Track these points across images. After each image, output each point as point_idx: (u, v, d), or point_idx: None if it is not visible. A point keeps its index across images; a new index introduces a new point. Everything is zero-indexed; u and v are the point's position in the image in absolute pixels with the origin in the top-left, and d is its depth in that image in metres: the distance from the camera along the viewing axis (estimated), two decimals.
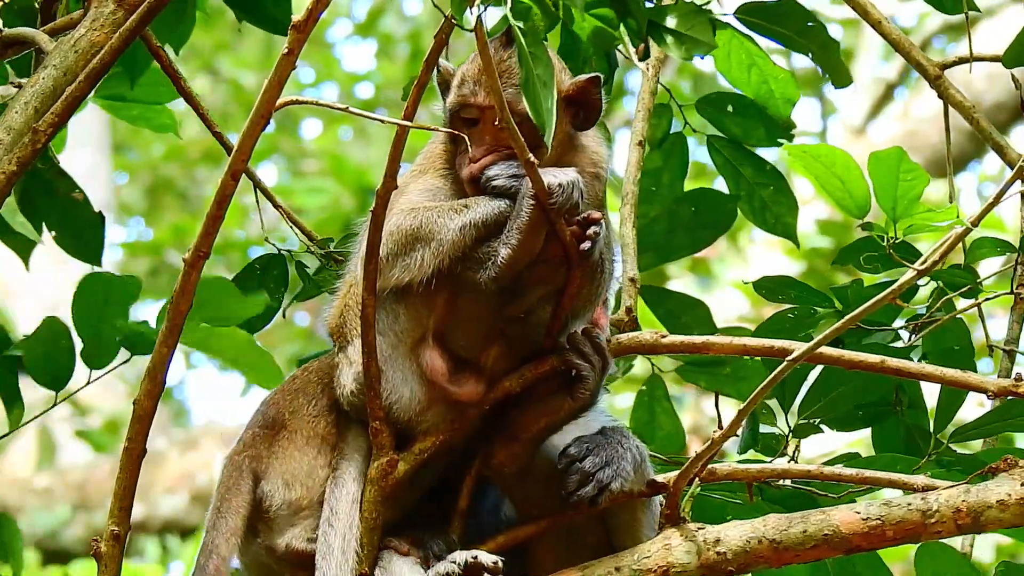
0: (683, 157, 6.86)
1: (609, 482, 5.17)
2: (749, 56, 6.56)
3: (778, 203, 6.76)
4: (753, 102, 6.69)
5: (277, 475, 5.24)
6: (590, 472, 5.17)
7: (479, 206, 5.14)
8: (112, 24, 5.77)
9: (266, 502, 5.23)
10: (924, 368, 5.23)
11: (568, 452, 5.20)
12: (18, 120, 5.73)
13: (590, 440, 5.23)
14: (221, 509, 5.21)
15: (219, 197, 5.00)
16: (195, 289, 5.09)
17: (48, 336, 5.82)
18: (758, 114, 6.69)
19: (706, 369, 6.44)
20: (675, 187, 6.84)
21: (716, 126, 6.77)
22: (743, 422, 5.20)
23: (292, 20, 4.86)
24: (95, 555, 5.23)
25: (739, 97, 6.72)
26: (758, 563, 5.16)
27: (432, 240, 5.12)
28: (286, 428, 5.29)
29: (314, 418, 5.31)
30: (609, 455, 5.19)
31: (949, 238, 4.91)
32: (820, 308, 6.09)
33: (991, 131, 6.25)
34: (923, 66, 6.42)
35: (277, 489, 5.23)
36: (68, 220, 6.75)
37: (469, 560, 5.15)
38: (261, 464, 5.25)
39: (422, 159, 5.38)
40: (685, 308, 6.63)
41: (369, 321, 5.14)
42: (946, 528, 5.07)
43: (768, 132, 6.68)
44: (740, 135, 6.74)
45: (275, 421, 5.31)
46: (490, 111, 5.16)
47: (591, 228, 5.08)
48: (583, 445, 5.21)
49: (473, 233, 5.12)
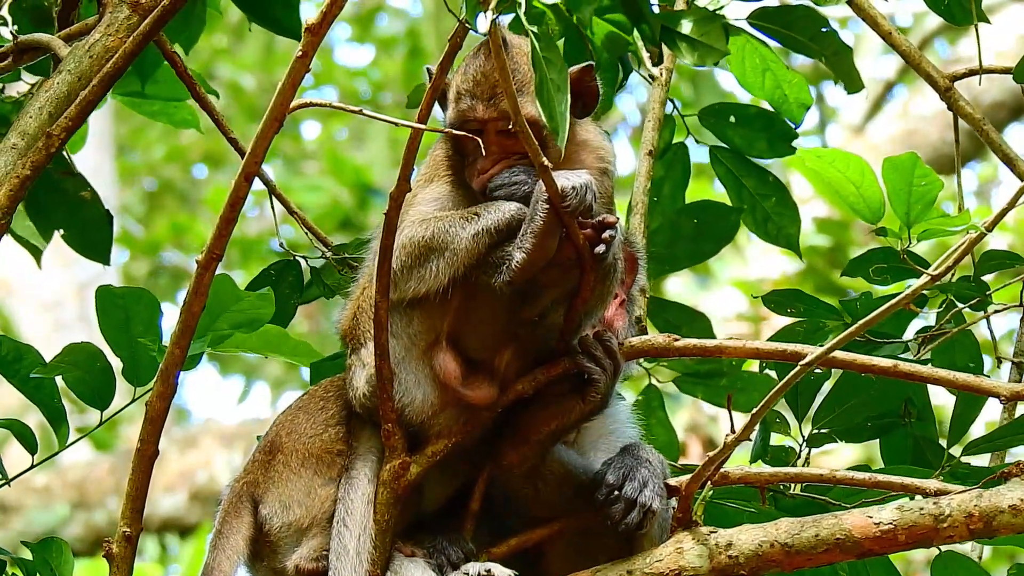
0: (685, 168, 6.87)
1: (651, 504, 5.20)
2: (763, 61, 6.57)
3: (780, 214, 6.77)
4: (756, 113, 6.70)
5: (274, 498, 5.25)
6: (632, 498, 5.19)
7: (491, 212, 5.14)
8: (127, 29, 5.79)
9: (266, 526, 5.24)
10: (936, 372, 5.23)
11: (607, 481, 5.22)
12: (32, 125, 5.75)
13: (623, 465, 5.25)
14: (222, 531, 5.23)
15: (232, 199, 5.01)
16: (208, 291, 5.09)
17: (84, 360, 5.85)
18: (761, 125, 6.70)
19: (703, 380, 6.45)
20: (676, 198, 6.85)
21: (718, 136, 6.77)
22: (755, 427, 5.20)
23: (306, 23, 4.87)
24: (106, 556, 5.25)
25: (742, 107, 6.73)
26: (770, 567, 5.16)
27: (446, 250, 5.12)
28: (282, 451, 5.29)
29: (312, 436, 5.31)
30: (644, 476, 5.22)
31: (963, 244, 4.92)
32: (828, 321, 6.09)
33: (1001, 142, 6.26)
34: (933, 78, 6.43)
35: (275, 512, 5.24)
36: (76, 219, 6.75)
37: (483, 573, 5.16)
38: (259, 489, 5.27)
39: (427, 167, 5.37)
40: (685, 319, 6.64)
41: (382, 323, 5.15)
42: (958, 533, 5.07)
43: (771, 143, 6.69)
44: (743, 146, 6.75)
45: (272, 445, 5.32)
46: (492, 123, 5.19)
47: (606, 232, 5.09)
48: (618, 471, 5.23)
49: (487, 240, 5.12)
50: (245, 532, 5.23)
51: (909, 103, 17.86)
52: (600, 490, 5.21)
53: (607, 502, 5.19)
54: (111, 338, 5.79)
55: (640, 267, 5.68)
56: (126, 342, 5.78)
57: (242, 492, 5.28)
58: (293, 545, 5.22)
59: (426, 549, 5.26)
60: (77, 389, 5.88)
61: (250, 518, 5.24)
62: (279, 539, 5.23)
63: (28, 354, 5.97)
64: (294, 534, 5.22)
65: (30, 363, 5.93)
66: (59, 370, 5.82)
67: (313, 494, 5.23)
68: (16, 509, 17.21)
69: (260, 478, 5.27)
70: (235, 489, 5.29)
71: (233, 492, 5.29)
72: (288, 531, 5.23)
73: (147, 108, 6.88)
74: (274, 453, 5.30)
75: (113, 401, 5.95)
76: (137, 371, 5.83)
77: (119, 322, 5.76)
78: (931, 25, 18.14)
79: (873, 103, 18.35)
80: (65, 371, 5.82)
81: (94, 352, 5.82)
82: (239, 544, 5.21)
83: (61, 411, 5.97)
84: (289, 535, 5.23)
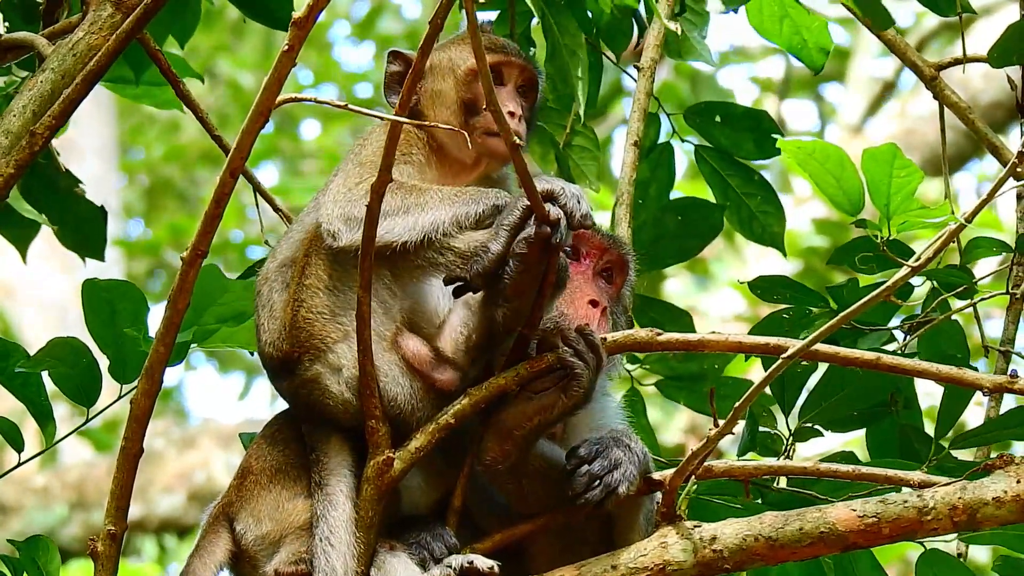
0: (670, 167, 6.85)
1: (616, 486, 5.17)
2: (782, 7, 6.50)
3: (766, 213, 6.75)
4: (743, 112, 6.68)
5: (247, 514, 5.33)
6: (598, 475, 5.17)
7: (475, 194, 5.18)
8: (110, 27, 5.79)
9: (242, 542, 5.32)
10: (919, 365, 5.21)
11: (577, 453, 5.20)
12: (16, 123, 5.75)
13: (599, 442, 5.23)
14: (199, 546, 5.36)
15: (217, 195, 5.00)
16: (192, 288, 5.09)
17: (69, 355, 5.84)
18: (747, 125, 6.68)
19: (686, 385, 6.45)
20: (662, 198, 6.83)
21: (704, 136, 6.75)
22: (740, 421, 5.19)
23: (293, 16, 4.87)
24: (92, 554, 5.26)
25: (728, 107, 6.71)
26: (754, 561, 5.15)
27: (427, 210, 5.14)
28: (252, 472, 5.38)
29: (276, 455, 5.38)
30: (617, 458, 5.19)
31: (943, 235, 4.91)
32: (815, 308, 6.09)
33: (986, 131, 6.26)
34: (919, 67, 6.42)
35: (249, 527, 5.31)
36: (69, 216, 6.76)
37: (464, 565, 5.16)
38: (233, 508, 5.36)
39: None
40: (669, 317, 6.63)
41: (365, 319, 5.13)
42: (942, 525, 5.06)
43: (758, 143, 6.67)
44: (729, 147, 6.73)
45: (244, 470, 5.41)
46: (521, 73, 5.39)
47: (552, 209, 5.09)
48: (592, 447, 5.21)
49: (468, 222, 5.15)
50: (223, 546, 5.34)
51: (907, 103, 17.87)
52: (569, 461, 5.20)
53: (573, 472, 5.17)
54: (97, 334, 5.79)
55: (630, 269, 5.69)
56: (112, 338, 5.78)
57: (219, 513, 5.39)
58: (269, 556, 5.30)
59: (409, 544, 5.27)
60: (63, 385, 5.88)
61: (227, 535, 5.35)
62: (255, 552, 5.31)
63: (15, 352, 5.97)
64: (268, 546, 5.30)
65: (17, 361, 5.94)
66: (43, 365, 5.82)
67: (281, 507, 5.31)
68: (15, 510, 17.23)
69: (234, 498, 5.37)
70: (212, 513, 5.41)
71: (211, 515, 5.41)
72: (262, 544, 5.30)
73: (130, 91, 6.88)
74: (245, 476, 5.39)
75: (99, 399, 5.95)
76: (123, 367, 5.83)
77: (105, 317, 5.77)
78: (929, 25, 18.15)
79: (871, 103, 18.36)
80: (50, 366, 5.82)
81: (79, 347, 5.82)
82: (216, 555, 5.32)
83: (48, 408, 5.98)
84: (264, 547, 5.30)
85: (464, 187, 5.26)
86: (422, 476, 5.35)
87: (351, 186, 5.23)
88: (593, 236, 5.60)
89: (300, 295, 5.27)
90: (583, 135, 6.68)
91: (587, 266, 5.61)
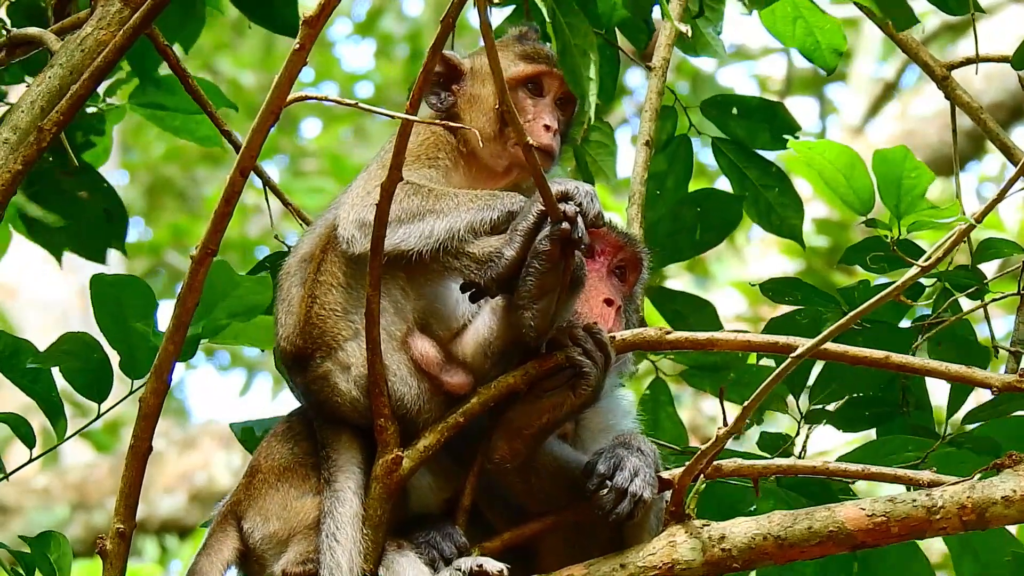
0: (688, 160, 6.84)
1: (641, 493, 5.18)
2: (795, 8, 6.50)
3: (784, 205, 6.75)
4: (759, 105, 6.67)
5: (255, 513, 5.33)
6: (623, 488, 5.18)
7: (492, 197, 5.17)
8: (118, 22, 5.79)
9: (250, 541, 5.33)
10: (928, 363, 5.23)
11: (597, 471, 5.21)
12: (24, 119, 5.75)
13: (612, 453, 5.24)
14: (207, 545, 5.36)
15: (228, 193, 4.99)
16: (202, 286, 5.08)
17: (80, 350, 5.84)
18: (763, 117, 6.68)
19: (709, 373, 6.44)
20: (680, 191, 6.83)
21: (721, 129, 6.74)
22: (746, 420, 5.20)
23: (304, 15, 4.87)
24: (100, 552, 5.25)
25: (744, 99, 6.70)
26: (763, 560, 5.15)
27: (443, 216, 5.13)
28: (261, 471, 5.38)
29: (285, 453, 5.38)
30: (635, 465, 5.20)
31: (953, 235, 4.92)
32: (826, 309, 6.09)
33: (998, 131, 6.26)
34: (930, 66, 6.42)
35: (256, 526, 5.32)
36: (73, 218, 6.76)
37: (474, 568, 5.16)
38: (241, 507, 5.37)
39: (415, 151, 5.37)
40: (692, 308, 6.63)
41: (374, 318, 5.14)
42: (951, 524, 5.07)
43: (774, 136, 6.66)
44: (745, 138, 6.72)
45: (252, 469, 5.42)
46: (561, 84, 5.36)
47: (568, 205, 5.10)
48: (609, 460, 5.22)
49: (483, 228, 5.14)
50: (231, 545, 5.34)
51: (908, 104, 17.87)
52: (591, 480, 5.20)
53: (598, 491, 5.19)
54: (107, 329, 5.79)
55: (643, 267, 5.69)
56: (122, 333, 5.77)
57: (227, 512, 5.39)
58: (277, 555, 5.30)
59: (419, 544, 5.26)
60: (74, 381, 5.87)
61: (235, 533, 5.35)
62: (263, 551, 5.31)
63: (25, 349, 5.97)
64: (276, 545, 5.31)
65: (27, 358, 5.93)
66: (55, 360, 5.82)
67: (289, 506, 5.31)
68: (16, 510, 17.21)
69: (242, 497, 5.37)
70: (220, 512, 5.42)
71: (219, 514, 5.41)
72: (270, 543, 5.31)
73: (169, 123, 6.87)
74: (254, 475, 5.39)
75: (110, 395, 5.95)
76: (133, 363, 5.82)
77: (114, 312, 5.76)
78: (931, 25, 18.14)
79: (872, 104, 18.36)
80: (61, 360, 5.81)
81: (90, 342, 5.81)
82: (224, 554, 5.32)
83: (59, 405, 5.97)
84: (272, 547, 5.31)
85: (479, 191, 5.25)
86: (431, 475, 5.35)
87: (370, 188, 5.23)
88: (607, 234, 5.61)
89: (314, 291, 5.27)
90: (600, 131, 6.68)
91: (601, 264, 5.61)
